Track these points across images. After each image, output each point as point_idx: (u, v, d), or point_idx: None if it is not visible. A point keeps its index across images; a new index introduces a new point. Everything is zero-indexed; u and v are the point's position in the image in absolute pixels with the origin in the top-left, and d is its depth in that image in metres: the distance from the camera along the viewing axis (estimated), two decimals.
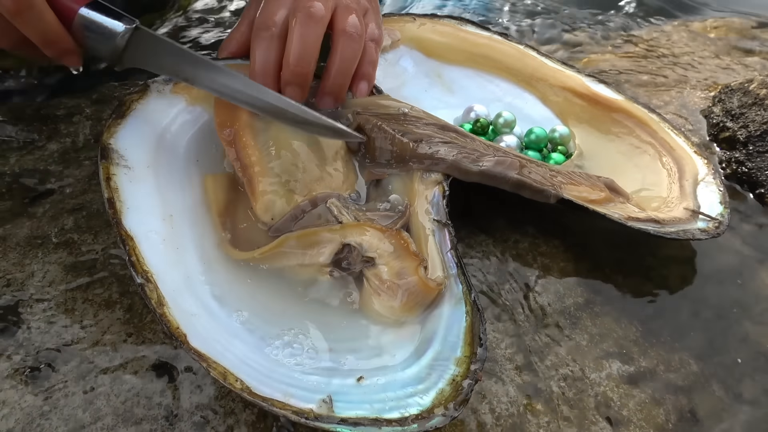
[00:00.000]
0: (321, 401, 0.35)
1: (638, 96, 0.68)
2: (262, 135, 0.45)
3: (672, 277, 0.50)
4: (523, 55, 0.63)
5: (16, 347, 0.40)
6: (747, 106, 0.61)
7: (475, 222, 0.51)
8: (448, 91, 0.61)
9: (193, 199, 0.45)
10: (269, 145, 0.45)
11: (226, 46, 0.51)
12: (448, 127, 0.49)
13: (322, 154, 0.46)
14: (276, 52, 0.45)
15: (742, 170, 0.59)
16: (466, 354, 0.38)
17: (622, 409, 0.41)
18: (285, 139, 0.45)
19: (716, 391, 0.44)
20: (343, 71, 0.47)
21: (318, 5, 0.44)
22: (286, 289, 0.42)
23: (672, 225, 0.48)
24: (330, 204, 0.43)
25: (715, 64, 0.77)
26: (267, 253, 0.42)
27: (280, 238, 0.43)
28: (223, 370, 0.35)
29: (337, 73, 0.47)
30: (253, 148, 0.44)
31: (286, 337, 0.39)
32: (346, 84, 0.48)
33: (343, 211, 0.43)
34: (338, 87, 0.47)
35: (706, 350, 0.46)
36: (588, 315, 0.47)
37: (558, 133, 0.57)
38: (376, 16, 0.53)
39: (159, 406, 0.38)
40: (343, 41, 0.46)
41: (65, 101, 0.59)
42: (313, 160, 0.45)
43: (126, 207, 0.41)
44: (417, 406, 0.35)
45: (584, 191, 0.48)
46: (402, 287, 0.39)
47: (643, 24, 0.91)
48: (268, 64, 0.45)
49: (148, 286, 0.38)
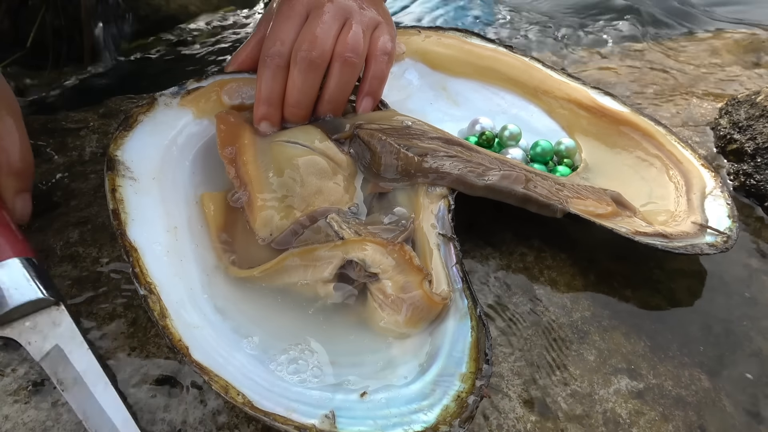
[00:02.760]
0: (323, 416, 0.34)
1: (644, 108, 0.67)
2: (263, 154, 0.46)
3: (680, 290, 0.50)
4: (529, 67, 0.62)
5: (20, 361, 0.40)
6: (754, 118, 0.61)
7: (481, 235, 0.51)
8: (454, 103, 0.61)
9: (198, 211, 0.45)
10: (269, 162, 0.45)
11: (235, 59, 0.53)
12: (453, 141, 0.49)
13: (321, 169, 0.46)
14: (280, 84, 0.48)
15: (751, 182, 0.58)
16: (472, 370, 0.37)
17: (632, 427, 0.41)
18: (285, 157, 0.46)
19: (727, 407, 0.43)
20: (336, 98, 0.49)
21: (318, 51, 0.47)
22: (289, 302, 0.42)
23: (680, 239, 0.47)
24: (330, 219, 0.43)
25: (721, 75, 0.77)
26: (268, 270, 0.42)
27: (281, 255, 0.42)
28: (224, 384, 0.34)
29: (330, 99, 0.49)
30: (253, 165, 0.45)
31: (289, 352, 0.39)
32: (340, 108, 0.50)
33: (344, 226, 0.43)
34: (333, 110, 0.50)
35: (716, 365, 0.45)
36: (595, 329, 0.46)
37: (564, 146, 0.57)
38: (390, 28, 0.53)
39: (162, 421, 0.38)
40: (338, 67, 0.48)
41: (72, 115, 0.59)
42: (312, 174, 0.45)
43: (131, 218, 0.41)
44: (421, 423, 0.35)
45: (591, 205, 0.48)
46: (406, 301, 0.39)
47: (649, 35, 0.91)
48: (273, 94, 0.48)
49: (151, 297, 0.37)
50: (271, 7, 0.53)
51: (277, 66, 0.47)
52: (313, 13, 0.48)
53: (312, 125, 0.49)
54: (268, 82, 0.48)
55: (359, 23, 0.49)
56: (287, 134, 0.48)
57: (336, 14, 0.48)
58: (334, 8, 0.48)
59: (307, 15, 0.49)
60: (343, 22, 0.49)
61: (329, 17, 0.48)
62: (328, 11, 0.48)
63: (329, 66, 0.48)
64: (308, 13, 0.49)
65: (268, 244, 0.44)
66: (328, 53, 0.47)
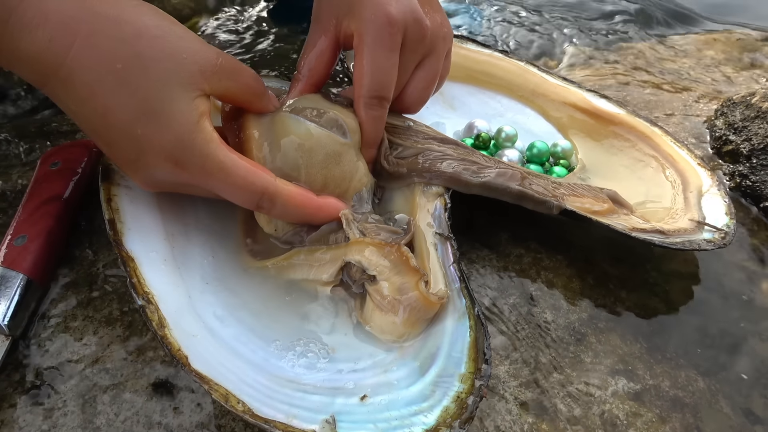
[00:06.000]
0: (324, 422, 0.34)
1: (640, 109, 0.68)
2: (267, 132, 0.43)
3: (676, 292, 0.50)
4: (524, 72, 0.63)
5: (15, 365, 0.40)
6: (749, 120, 0.61)
7: (478, 237, 0.51)
8: (450, 107, 0.61)
9: (195, 217, 0.45)
10: (273, 151, 0.42)
11: (308, 80, 0.48)
12: (448, 141, 0.49)
13: (331, 152, 0.43)
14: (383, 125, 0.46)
15: (746, 183, 0.59)
16: (471, 370, 0.37)
17: (629, 428, 0.41)
18: (287, 150, 0.43)
19: (723, 408, 0.43)
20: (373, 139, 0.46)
21: None
22: (288, 308, 0.42)
23: (677, 236, 0.47)
24: (342, 215, 0.43)
25: (717, 76, 0.78)
26: (278, 263, 0.43)
27: (291, 251, 0.43)
28: (225, 392, 0.34)
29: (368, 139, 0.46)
30: (255, 142, 0.42)
31: (288, 357, 0.39)
32: None
33: (352, 225, 0.42)
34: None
35: (713, 366, 0.45)
36: (592, 331, 0.46)
37: (560, 147, 0.57)
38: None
39: (159, 425, 0.38)
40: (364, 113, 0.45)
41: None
42: (321, 161, 0.43)
43: (127, 228, 0.41)
44: (421, 425, 0.34)
45: (587, 203, 0.48)
46: (403, 303, 0.39)
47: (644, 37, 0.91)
48: (378, 137, 0.46)
49: (149, 307, 0.37)
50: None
51: (384, 112, 0.45)
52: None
53: (319, 94, 0.47)
54: (376, 127, 0.45)
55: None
56: (293, 104, 0.45)
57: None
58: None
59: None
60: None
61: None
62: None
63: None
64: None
65: (277, 240, 0.44)
66: None
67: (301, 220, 0.43)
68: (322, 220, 0.43)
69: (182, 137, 0.36)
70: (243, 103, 0.42)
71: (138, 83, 0.35)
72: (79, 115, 0.37)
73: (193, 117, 0.37)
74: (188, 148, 0.37)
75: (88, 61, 0.35)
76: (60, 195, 0.46)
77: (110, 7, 0.35)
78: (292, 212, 0.41)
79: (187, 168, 0.37)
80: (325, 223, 0.43)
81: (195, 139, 0.37)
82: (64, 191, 0.46)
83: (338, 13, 0.44)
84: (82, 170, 0.48)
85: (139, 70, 0.35)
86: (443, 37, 0.47)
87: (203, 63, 0.37)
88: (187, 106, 0.36)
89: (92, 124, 0.37)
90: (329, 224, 0.43)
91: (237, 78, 0.40)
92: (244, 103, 0.42)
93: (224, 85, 0.39)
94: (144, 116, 0.36)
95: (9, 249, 0.42)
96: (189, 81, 0.37)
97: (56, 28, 0.34)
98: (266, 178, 0.39)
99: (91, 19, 0.35)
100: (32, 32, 0.34)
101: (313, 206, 0.42)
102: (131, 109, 0.36)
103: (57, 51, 0.34)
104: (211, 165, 0.37)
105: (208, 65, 0.37)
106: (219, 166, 0.38)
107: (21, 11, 0.33)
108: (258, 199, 0.39)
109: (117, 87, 0.35)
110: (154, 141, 0.36)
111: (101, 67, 0.35)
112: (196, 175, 0.38)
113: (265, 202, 0.40)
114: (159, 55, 0.36)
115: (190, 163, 0.37)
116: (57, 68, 0.34)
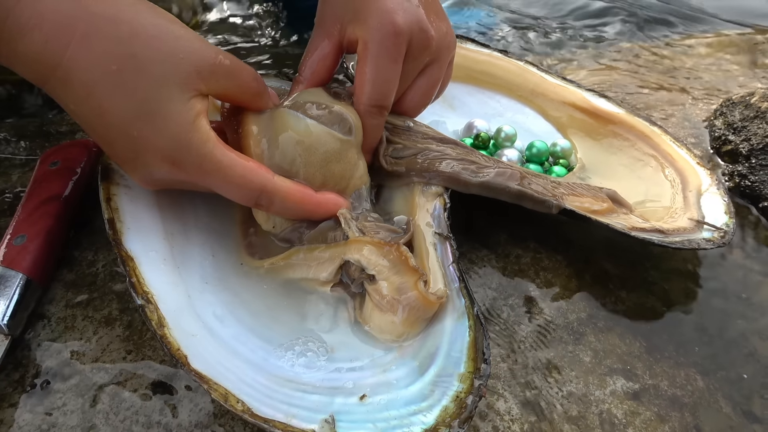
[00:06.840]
0: (323, 421, 0.34)
1: (640, 109, 0.68)
2: (266, 128, 0.43)
3: (676, 291, 0.50)
4: (524, 71, 0.63)
5: (15, 365, 0.40)
6: (749, 120, 0.61)
7: (477, 237, 0.51)
8: (449, 107, 0.61)
9: (194, 217, 0.45)
10: (271, 147, 0.42)
11: (311, 64, 0.47)
12: (448, 140, 0.49)
13: (330, 150, 0.43)
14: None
15: (745, 184, 0.59)
16: (470, 369, 0.37)
17: (628, 427, 0.41)
18: (286, 147, 0.42)
19: (723, 407, 0.43)
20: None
21: None
22: (287, 308, 0.42)
23: (677, 235, 0.47)
24: (340, 214, 0.43)
25: (716, 76, 0.78)
26: (277, 262, 0.43)
27: (290, 250, 0.43)
28: (224, 392, 0.34)
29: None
30: (253, 139, 0.42)
31: (287, 356, 0.39)
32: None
33: (351, 224, 0.42)
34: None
35: (712, 366, 0.45)
36: (591, 330, 0.46)
37: (559, 147, 0.57)
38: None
39: (158, 424, 0.38)
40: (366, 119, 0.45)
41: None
42: (315, 163, 0.43)
43: (126, 227, 0.41)
44: (421, 425, 0.34)
45: (586, 202, 0.48)
46: (402, 302, 0.39)
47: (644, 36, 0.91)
48: (375, 144, 0.47)
49: (149, 307, 0.37)
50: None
51: (384, 119, 0.45)
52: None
53: (321, 88, 0.46)
54: (376, 133, 0.46)
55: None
56: (294, 99, 0.44)
57: None
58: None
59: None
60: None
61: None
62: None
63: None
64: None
65: (275, 237, 0.44)
66: None
67: (301, 216, 0.43)
68: (321, 216, 0.43)
69: (178, 138, 0.36)
70: (242, 102, 0.42)
71: (133, 85, 0.35)
72: (78, 114, 0.37)
73: (189, 117, 0.37)
74: (185, 148, 0.37)
75: (84, 61, 0.35)
76: (59, 194, 0.46)
77: (107, 6, 0.35)
78: (290, 209, 0.41)
79: (184, 168, 0.37)
80: (325, 219, 0.43)
81: (191, 140, 0.37)
82: (64, 191, 0.46)
83: (343, 19, 0.44)
84: (82, 170, 0.48)
85: (134, 71, 0.35)
86: (447, 46, 0.47)
87: (200, 63, 0.37)
88: (183, 107, 0.36)
89: (91, 123, 0.37)
90: (328, 222, 0.43)
91: (235, 77, 0.40)
92: (243, 102, 0.42)
93: (222, 84, 0.39)
94: (140, 118, 0.36)
95: (8, 248, 0.42)
96: (185, 81, 0.37)
97: (52, 29, 0.34)
98: (264, 175, 0.39)
99: (88, 18, 0.34)
100: (29, 33, 0.33)
101: (312, 202, 0.42)
102: (127, 110, 0.36)
103: (54, 51, 0.34)
104: (208, 164, 0.37)
105: (206, 65, 0.37)
106: (216, 166, 0.38)
107: (18, 12, 0.33)
108: (256, 197, 0.39)
109: (113, 88, 0.35)
110: (151, 142, 0.37)
111: (97, 68, 0.35)
112: (193, 174, 0.38)
113: (264, 199, 0.40)
114: (155, 56, 0.36)
115: (187, 163, 0.37)
116: (54, 68, 0.34)
